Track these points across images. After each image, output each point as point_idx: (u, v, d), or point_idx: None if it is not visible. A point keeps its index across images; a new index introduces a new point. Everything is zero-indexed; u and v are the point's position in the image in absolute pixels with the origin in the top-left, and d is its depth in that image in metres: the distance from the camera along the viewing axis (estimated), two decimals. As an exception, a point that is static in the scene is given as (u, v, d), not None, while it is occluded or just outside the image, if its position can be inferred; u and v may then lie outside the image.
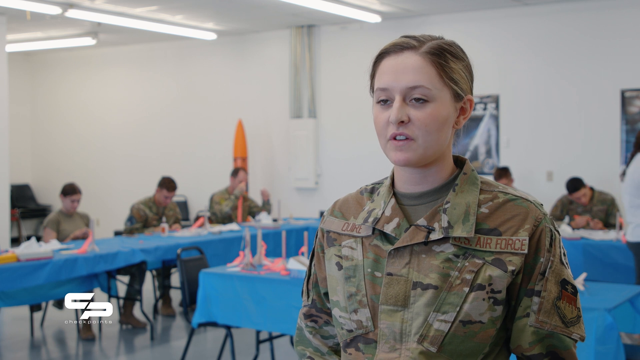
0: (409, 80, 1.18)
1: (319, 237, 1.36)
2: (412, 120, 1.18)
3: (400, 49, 1.20)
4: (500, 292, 1.16)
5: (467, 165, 1.26)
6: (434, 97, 1.18)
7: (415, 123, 1.17)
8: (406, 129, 1.18)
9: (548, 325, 1.17)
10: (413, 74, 1.18)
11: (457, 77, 1.20)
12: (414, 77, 1.18)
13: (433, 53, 1.19)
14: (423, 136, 1.18)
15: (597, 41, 6.98)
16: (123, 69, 10.10)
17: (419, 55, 1.19)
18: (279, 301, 4.13)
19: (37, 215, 10.62)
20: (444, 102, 1.19)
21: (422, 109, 1.18)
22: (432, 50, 1.19)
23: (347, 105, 8.31)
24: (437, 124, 1.18)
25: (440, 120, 1.19)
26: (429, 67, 1.18)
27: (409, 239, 1.20)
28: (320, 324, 1.37)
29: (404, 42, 1.21)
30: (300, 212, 8.36)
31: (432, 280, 1.17)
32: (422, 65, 1.18)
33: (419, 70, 1.18)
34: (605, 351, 3.26)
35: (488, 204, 1.21)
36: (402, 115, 1.17)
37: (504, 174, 6.61)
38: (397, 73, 1.19)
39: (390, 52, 1.21)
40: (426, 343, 1.16)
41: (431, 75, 1.18)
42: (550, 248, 1.18)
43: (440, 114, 1.18)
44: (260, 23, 8.38)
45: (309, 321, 1.38)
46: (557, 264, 1.19)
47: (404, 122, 1.18)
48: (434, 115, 1.18)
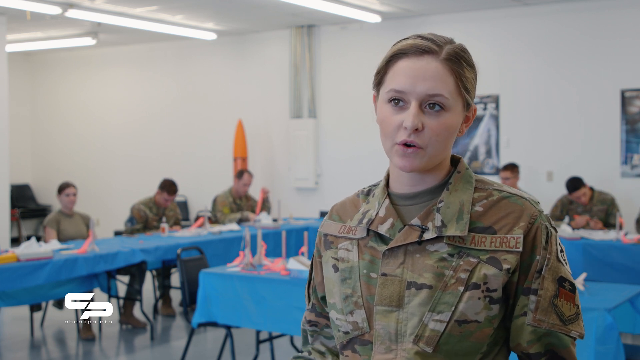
0: (429, 88, 1.15)
1: (317, 241, 1.36)
2: (425, 128, 1.16)
3: (421, 52, 1.17)
4: (496, 290, 1.15)
5: (461, 164, 1.25)
6: (449, 107, 1.16)
7: (428, 132, 1.16)
8: (417, 137, 1.15)
9: (546, 324, 1.16)
10: (434, 82, 1.15)
11: (470, 87, 1.20)
12: (435, 85, 1.15)
13: (452, 61, 1.17)
14: (432, 145, 1.16)
15: (597, 41, 6.98)
16: (123, 69, 10.10)
17: (439, 62, 1.16)
18: (279, 301, 4.13)
19: (37, 215, 10.62)
20: (456, 111, 1.18)
21: (436, 118, 1.16)
22: (451, 57, 1.17)
23: (347, 105, 8.31)
24: (448, 133, 1.17)
25: (451, 130, 1.18)
26: (448, 76, 1.16)
27: (403, 238, 1.19)
28: (321, 327, 1.38)
29: (425, 45, 1.17)
30: (300, 212, 8.36)
31: (426, 279, 1.16)
32: (443, 74, 1.16)
33: (440, 79, 1.16)
34: (605, 351, 3.26)
35: (482, 202, 1.20)
36: (418, 122, 1.15)
37: (508, 168, 6.60)
38: (416, 78, 1.16)
39: (409, 54, 1.18)
40: (422, 343, 1.15)
41: (449, 85, 1.16)
42: (546, 245, 1.17)
43: (452, 124, 1.18)
44: (260, 23, 8.38)
45: (310, 325, 1.40)
46: (553, 261, 1.17)
47: (418, 130, 1.15)
48: (447, 125, 1.17)
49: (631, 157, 6.86)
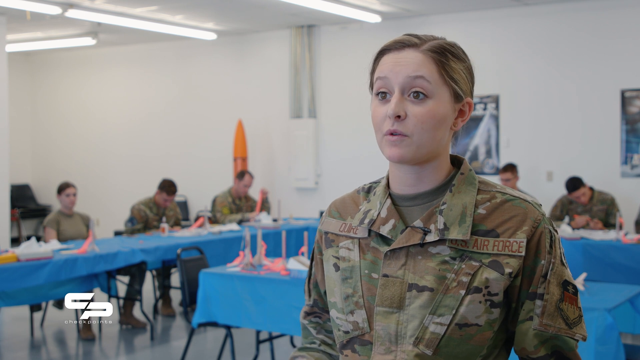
0: (410, 70, 1.16)
1: (317, 238, 1.36)
2: (408, 116, 1.16)
3: (402, 46, 1.19)
4: (497, 294, 1.15)
5: (464, 165, 1.24)
6: (433, 93, 1.17)
7: (412, 120, 1.16)
8: (401, 126, 1.16)
9: (552, 328, 1.16)
10: (414, 65, 1.17)
11: (458, 77, 1.19)
12: (415, 68, 1.16)
13: (434, 51, 1.18)
14: (418, 133, 1.16)
15: (597, 41, 6.98)
16: (123, 69, 10.10)
17: (420, 52, 1.18)
18: (279, 301, 4.12)
19: (37, 215, 10.62)
20: (442, 100, 1.18)
21: (420, 105, 1.16)
22: (433, 48, 1.18)
23: (347, 105, 8.31)
24: (434, 121, 1.17)
25: (437, 118, 1.17)
26: (429, 63, 1.17)
27: (405, 240, 1.19)
28: (324, 320, 1.39)
29: (405, 39, 1.20)
30: (300, 212, 8.36)
31: (427, 282, 1.16)
32: (424, 60, 1.17)
33: (421, 64, 1.17)
34: (605, 351, 3.25)
35: (485, 204, 1.20)
36: (400, 109, 1.16)
37: (508, 169, 6.60)
38: (397, 65, 1.18)
39: (392, 49, 1.20)
40: (422, 346, 1.15)
41: (431, 70, 1.17)
42: (550, 250, 1.17)
43: (437, 112, 1.17)
44: (260, 23, 8.38)
45: (312, 317, 1.40)
46: (558, 265, 1.17)
47: (400, 117, 1.16)
48: (432, 112, 1.16)
49: (631, 157, 6.87)
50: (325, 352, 1.38)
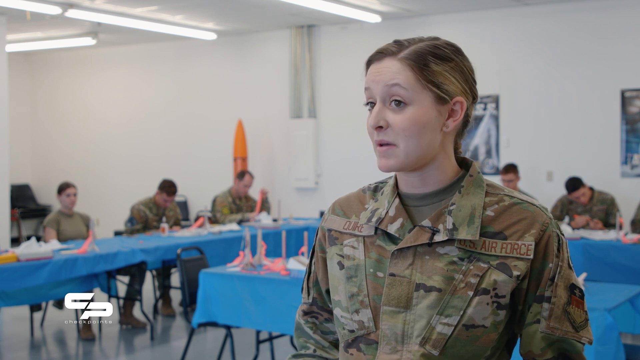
0: (386, 79, 1.18)
1: (319, 235, 1.35)
2: (390, 125, 1.18)
3: (382, 55, 1.21)
4: (505, 296, 1.16)
5: (473, 167, 1.24)
6: (411, 100, 1.17)
7: (394, 129, 1.17)
8: (386, 135, 1.18)
9: (559, 331, 1.17)
10: (390, 74, 1.18)
11: (440, 80, 1.18)
12: (391, 76, 1.18)
13: (410, 57, 1.18)
14: (403, 141, 1.17)
15: (597, 41, 6.98)
16: (123, 69, 10.10)
17: (396, 60, 1.19)
18: (279, 301, 4.13)
19: (37, 215, 10.62)
20: (423, 105, 1.17)
21: (400, 113, 1.17)
22: (409, 54, 1.18)
23: (347, 105, 8.31)
24: (417, 128, 1.17)
25: (420, 124, 1.17)
26: (405, 70, 1.18)
27: (413, 239, 1.19)
28: (320, 321, 1.38)
29: (384, 48, 1.21)
30: (300, 212, 8.36)
31: (435, 282, 1.16)
32: (399, 68, 1.18)
33: (396, 72, 1.18)
34: (605, 351, 3.26)
35: (494, 206, 1.20)
36: (379, 120, 1.18)
37: (511, 170, 6.59)
38: (376, 74, 1.20)
39: (373, 60, 1.22)
40: (428, 346, 1.16)
41: (407, 77, 1.17)
42: (558, 253, 1.18)
43: (419, 118, 1.17)
44: (260, 23, 8.38)
45: (309, 317, 1.38)
46: (565, 268, 1.18)
47: (382, 128, 1.18)
48: (413, 119, 1.17)
49: (631, 157, 6.87)
50: (321, 357, 1.37)
